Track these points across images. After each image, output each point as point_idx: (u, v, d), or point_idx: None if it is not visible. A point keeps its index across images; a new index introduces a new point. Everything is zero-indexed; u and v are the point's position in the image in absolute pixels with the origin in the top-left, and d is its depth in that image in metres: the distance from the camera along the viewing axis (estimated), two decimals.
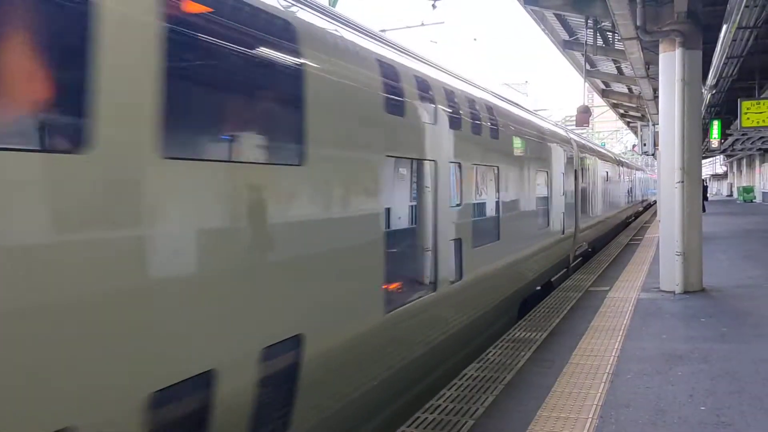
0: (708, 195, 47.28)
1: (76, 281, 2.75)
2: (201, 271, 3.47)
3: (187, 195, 3.40)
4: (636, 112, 30.44)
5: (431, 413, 5.35)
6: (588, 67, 19.55)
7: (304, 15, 4.71)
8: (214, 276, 3.55)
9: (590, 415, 5.23)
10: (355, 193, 5.15)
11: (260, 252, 3.96)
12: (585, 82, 19.99)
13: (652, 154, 25.91)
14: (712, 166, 77.44)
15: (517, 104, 11.93)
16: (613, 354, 7.08)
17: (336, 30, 5.13)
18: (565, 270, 14.24)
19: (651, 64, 16.51)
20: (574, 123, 22.44)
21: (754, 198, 51.08)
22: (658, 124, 12.86)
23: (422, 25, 20.27)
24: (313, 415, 4.52)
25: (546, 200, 12.07)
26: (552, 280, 12.79)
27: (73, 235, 2.77)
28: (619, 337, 7.87)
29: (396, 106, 5.87)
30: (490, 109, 8.95)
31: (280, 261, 4.12)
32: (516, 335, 8.05)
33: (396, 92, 5.94)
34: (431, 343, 6.70)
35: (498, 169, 8.98)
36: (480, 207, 9.06)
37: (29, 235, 2.59)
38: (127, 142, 3.02)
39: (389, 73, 5.85)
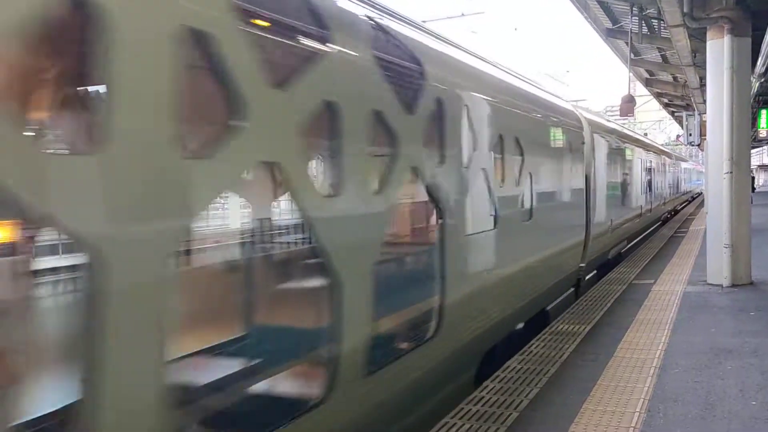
0: (755, 186, 46.13)
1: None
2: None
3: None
4: (681, 101, 29.77)
5: (474, 405, 5.34)
6: (632, 55, 19.18)
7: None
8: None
9: (637, 409, 5.16)
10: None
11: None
12: (629, 71, 19.60)
13: (698, 145, 25.32)
14: (760, 156, 75.46)
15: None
16: (660, 347, 6.97)
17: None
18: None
19: (698, 52, 16.10)
20: (618, 113, 21.97)
21: None
22: (704, 113, 12.61)
23: (462, 15, 20.13)
24: None
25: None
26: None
27: None
28: (666, 330, 7.74)
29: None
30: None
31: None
32: (559, 328, 7.97)
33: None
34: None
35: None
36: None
37: None
38: None
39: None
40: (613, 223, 14.30)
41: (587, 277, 12.16)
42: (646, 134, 39.84)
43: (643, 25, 17.77)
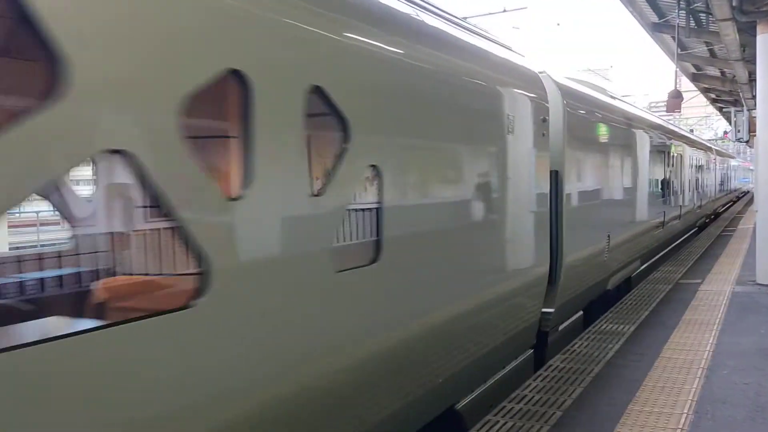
0: None
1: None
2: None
3: None
4: (729, 96, 29.09)
5: (517, 403, 5.32)
6: (679, 50, 18.79)
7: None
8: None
9: (685, 411, 5.07)
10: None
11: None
12: (676, 66, 19.19)
13: (746, 141, 24.71)
14: None
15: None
16: (708, 348, 6.83)
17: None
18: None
19: (747, 46, 15.70)
20: (665, 109, 21.50)
21: None
22: (753, 109, 12.33)
23: (504, 11, 20.00)
24: None
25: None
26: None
27: None
28: (714, 331, 7.58)
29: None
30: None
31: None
32: (603, 327, 7.87)
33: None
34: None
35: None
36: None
37: None
38: None
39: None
40: (613, 240, 9.71)
41: (563, 326, 8.01)
42: (692, 131, 38.70)
43: (691, 19, 17.39)
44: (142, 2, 2.51)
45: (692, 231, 20.72)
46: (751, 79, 18.46)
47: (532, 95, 6.60)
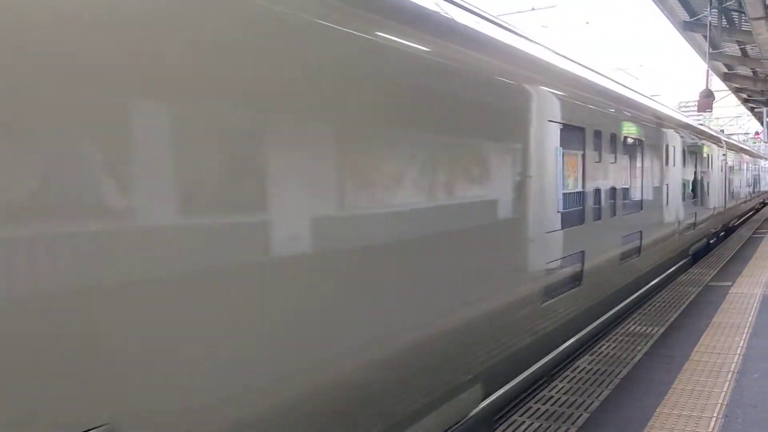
0: None
1: None
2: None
3: None
4: (761, 96, 28.65)
5: (544, 404, 5.30)
6: (710, 49, 18.50)
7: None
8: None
9: (714, 414, 5.01)
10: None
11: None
12: (707, 65, 18.90)
13: None
14: None
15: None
16: (738, 352, 6.74)
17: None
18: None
19: None
20: (695, 109, 21.14)
21: None
22: None
23: (533, 9, 19.89)
24: None
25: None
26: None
27: None
28: (744, 334, 7.47)
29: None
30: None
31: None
32: (631, 329, 7.80)
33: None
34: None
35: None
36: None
37: None
38: None
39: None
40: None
41: None
42: (722, 131, 37.95)
43: (723, 17, 17.13)
44: None
45: (683, 261, 13.57)
46: None
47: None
